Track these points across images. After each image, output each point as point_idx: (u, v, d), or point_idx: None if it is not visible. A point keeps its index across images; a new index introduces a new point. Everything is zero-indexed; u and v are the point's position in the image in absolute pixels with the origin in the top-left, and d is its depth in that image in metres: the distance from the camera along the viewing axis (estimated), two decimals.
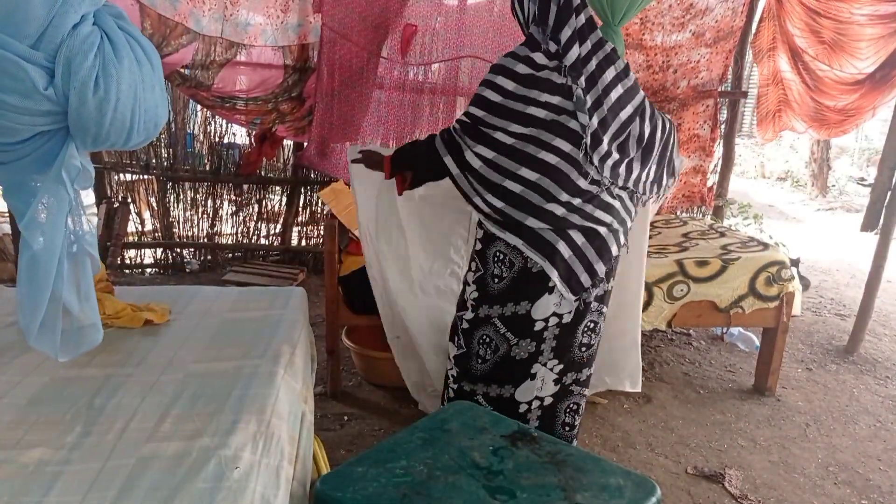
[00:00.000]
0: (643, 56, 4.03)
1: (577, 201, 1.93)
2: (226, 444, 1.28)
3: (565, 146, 1.88)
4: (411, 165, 2.11)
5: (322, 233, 4.73)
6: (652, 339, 3.83)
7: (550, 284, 2.02)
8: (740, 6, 4.04)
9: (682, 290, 3.00)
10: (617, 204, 2.03)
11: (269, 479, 1.28)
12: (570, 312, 2.08)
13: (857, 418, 3.03)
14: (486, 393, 2.18)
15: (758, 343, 3.45)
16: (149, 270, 4.75)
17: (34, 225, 1.36)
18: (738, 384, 3.31)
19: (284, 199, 4.83)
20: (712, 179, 4.60)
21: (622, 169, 2.00)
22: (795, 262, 4.11)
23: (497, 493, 1.39)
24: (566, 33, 1.88)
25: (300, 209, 4.81)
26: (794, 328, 3.98)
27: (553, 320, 2.08)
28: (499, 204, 1.94)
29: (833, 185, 9.67)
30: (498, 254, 2.04)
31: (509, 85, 1.89)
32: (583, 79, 1.88)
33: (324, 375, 2.98)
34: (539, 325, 2.08)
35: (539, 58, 1.89)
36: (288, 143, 4.46)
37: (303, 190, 4.75)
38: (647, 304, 2.99)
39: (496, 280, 2.06)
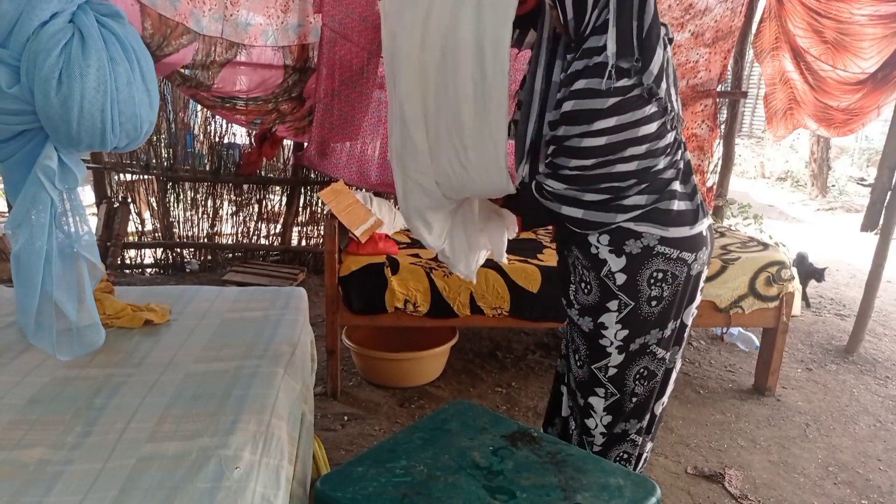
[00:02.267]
0: None
1: None
2: (226, 444, 1.28)
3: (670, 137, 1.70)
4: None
5: (322, 233, 4.73)
6: None
7: (701, 282, 1.84)
8: (740, 6, 4.03)
9: None
10: None
11: (269, 479, 1.28)
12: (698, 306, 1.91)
13: (857, 418, 3.03)
14: (641, 426, 1.92)
15: (758, 343, 3.45)
16: (149, 270, 4.75)
17: (16, 224, 1.37)
18: (738, 384, 3.31)
19: (284, 199, 4.83)
20: (712, 179, 4.60)
21: None
22: (803, 261, 4.08)
23: (497, 493, 1.39)
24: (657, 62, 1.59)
25: (300, 209, 4.81)
26: (794, 328, 3.98)
27: (692, 316, 1.90)
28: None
29: (833, 185, 9.67)
30: (656, 274, 1.73)
31: (610, 122, 1.59)
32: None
33: (324, 375, 2.98)
34: (687, 330, 1.90)
35: (625, 82, 1.58)
36: (288, 143, 4.46)
37: (303, 190, 4.75)
38: None
39: (654, 303, 1.76)
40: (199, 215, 4.72)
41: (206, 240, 4.78)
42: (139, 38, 1.45)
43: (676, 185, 1.71)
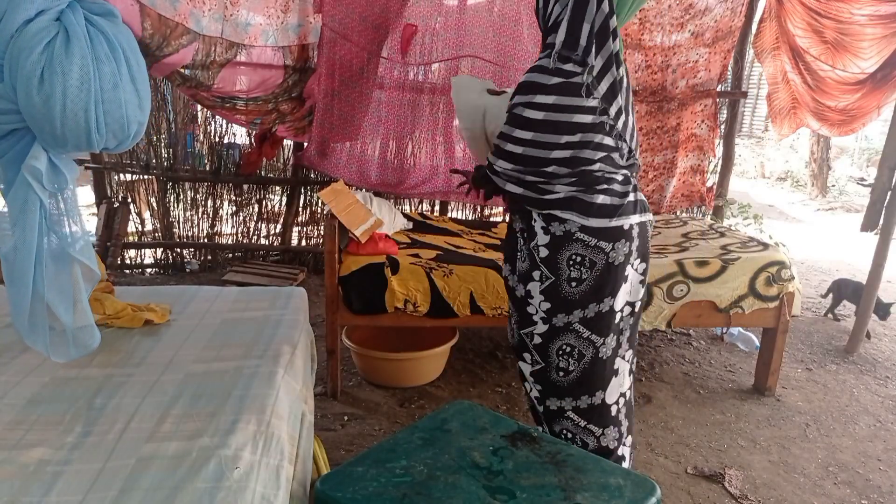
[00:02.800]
0: (642, 56, 4.04)
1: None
2: (226, 444, 1.28)
3: (609, 141, 1.89)
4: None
5: (322, 233, 4.73)
6: (652, 339, 3.83)
7: (626, 273, 1.99)
8: (740, 6, 4.04)
9: (681, 291, 3.00)
10: None
11: (269, 479, 1.28)
12: (641, 299, 2.07)
13: (857, 418, 3.03)
14: (577, 406, 2.07)
15: (758, 343, 3.45)
16: (149, 270, 4.75)
17: (5, 225, 1.36)
18: (738, 384, 3.31)
19: (284, 199, 4.83)
20: (712, 179, 4.61)
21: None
22: (857, 291, 3.96)
23: (497, 493, 1.39)
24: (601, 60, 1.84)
25: (300, 209, 4.81)
26: (794, 328, 3.99)
27: (627, 309, 2.05)
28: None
29: (833, 185, 9.67)
30: (574, 257, 1.94)
31: (548, 99, 1.82)
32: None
33: (324, 375, 2.98)
34: (618, 318, 2.04)
35: (570, 67, 1.82)
36: (288, 143, 4.46)
37: (303, 190, 4.75)
38: (647, 304, 2.99)
39: (574, 284, 1.95)
40: (199, 215, 4.72)
41: (206, 240, 4.78)
42: (131, 38, 1.43)
43: (605, 184, 1.91)
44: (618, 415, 2.10)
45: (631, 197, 1.96)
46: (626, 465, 2.10)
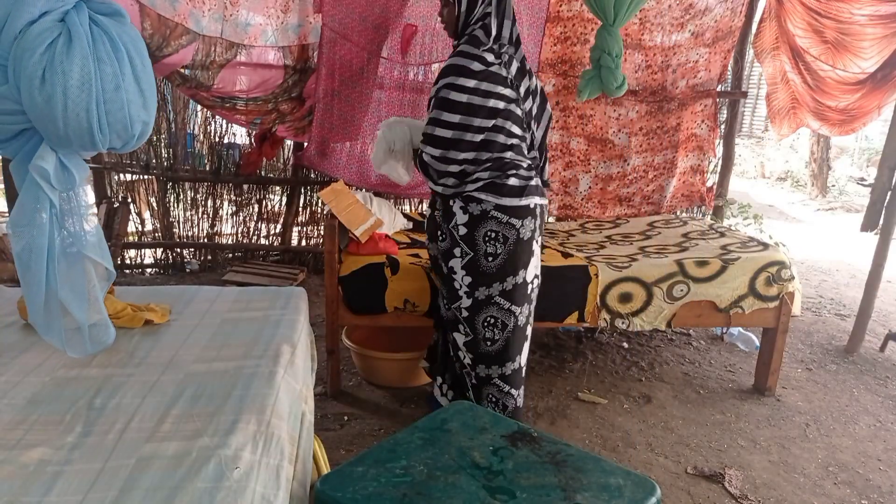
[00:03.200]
0: (642, 56, 4.04)
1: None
2: (226, 444, 1.27)
3: (517, 130, 2.22)
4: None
5: (322, 233, 4.73)
6: (652, 339, 3.83)
7: (533, 248, 2.30)
8: (740, 6, 4.04)
9: (681, 290, 3.00)
10: None
11: (269, 479, 1.28)
12: (538, 267, 2.39)
13: (857, 418, 3.03)
14: (503, 373, 2.36)
15: (758, 343, 3.45)
16: (149, 270, 4.75)
17: (17, 224, 1.38)
18: (738, 384, 3.31)
19: (284, 199, 4.83)
20: (712, 179, 4.60)
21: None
22: None
23: (497, 493, 1.39)
24: (506, 34, 2.23)
25: (300, 209, 4.81)
26: (794, 328, 3.99)
27: (536, 281, 2.38)
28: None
29: (833, 185, 9.67)
30: (489, 233, 2.22)
31: (470, 83, 2.10)
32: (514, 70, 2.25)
33: (324, 375, 2.98)
34: (529, 289, 2.34)
35: (488, 56, 2.14)
36: (288, 143, 4.46)
37: (303, 190, 4.74)
38: (647, 304, 2.99)
39: (490, 259, 2.24)
40: (199, 215, 4.72)
41: (206, 240, 4.78)
42: (137, 38, 1.43)
43: (514, 168, 2.21)
44: (525, 375, 2.46)
45: (534, 181, 2.27)
46: (510, 411, 2.42)
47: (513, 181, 2.20)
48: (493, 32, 2.15)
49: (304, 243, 4.90)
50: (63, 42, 1.28)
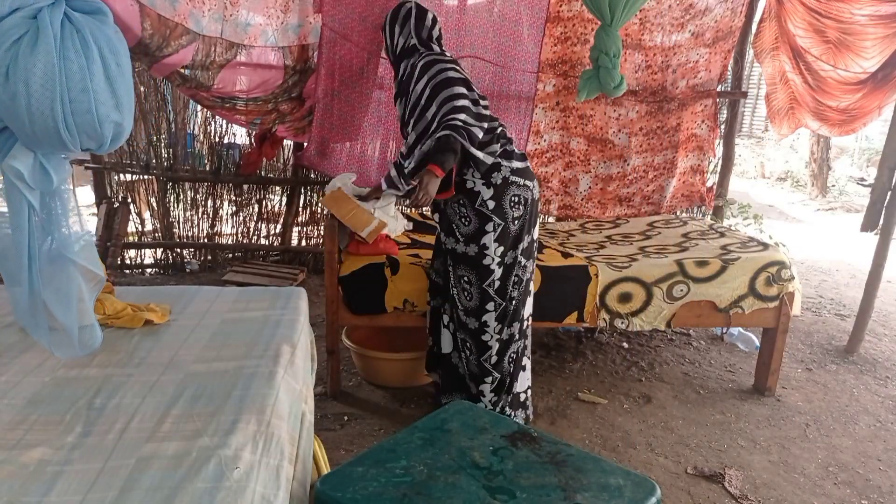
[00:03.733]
0: (642, 56, 4.03)
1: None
2: (226, 444, 1.27)
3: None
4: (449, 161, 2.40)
5: (322, 233, 4.73)
6: (652, 339, 3.83)
7: (538, 207, 2.56)
8: (740, 6, 4.03)
9: (681, 291, 3.00)
10: None
11: (269, 479, 1.28)
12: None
13: (857, 418, 3.03)
14: (522, 328, 2.56)
15: (758, 343, 3.45)
16: (149, 270, 4.75)
17: (3, 223, 1.37)
18: (738, 384, 3.31)
19: (284, 199, 4.83)
20: (712, 179, 4.60)
21: None
22: None
23: (497, 493, 1.39)
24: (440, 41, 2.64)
25: (300, 209, 4.81)
26: (794, 328, 3.99)
27: (537, 238, 2.62)
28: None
29: (833, 185, 9.67)
30: (513, 198, 2.42)
31: (445, 63, 2.42)
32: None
33: (324, 375, 2.98)
34: (535, 245, 2.59)
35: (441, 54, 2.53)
36: (288, 143, 4.45)
37: (303, 190, 4.74)
38: (646, 304, 2.99)
39: (516, 222, 2.44)
40: (199, 215, 4.72)
41: (206, 240, 4.78)
42: (115, 38, 1.38)
43: (504, 136, 2.48)
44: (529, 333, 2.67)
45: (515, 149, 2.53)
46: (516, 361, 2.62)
47: (511, 146, 2.47)
48: (424, 39, 2.58)
49: (304, 243, 4.90)
50: (29, 39, 1.25)
